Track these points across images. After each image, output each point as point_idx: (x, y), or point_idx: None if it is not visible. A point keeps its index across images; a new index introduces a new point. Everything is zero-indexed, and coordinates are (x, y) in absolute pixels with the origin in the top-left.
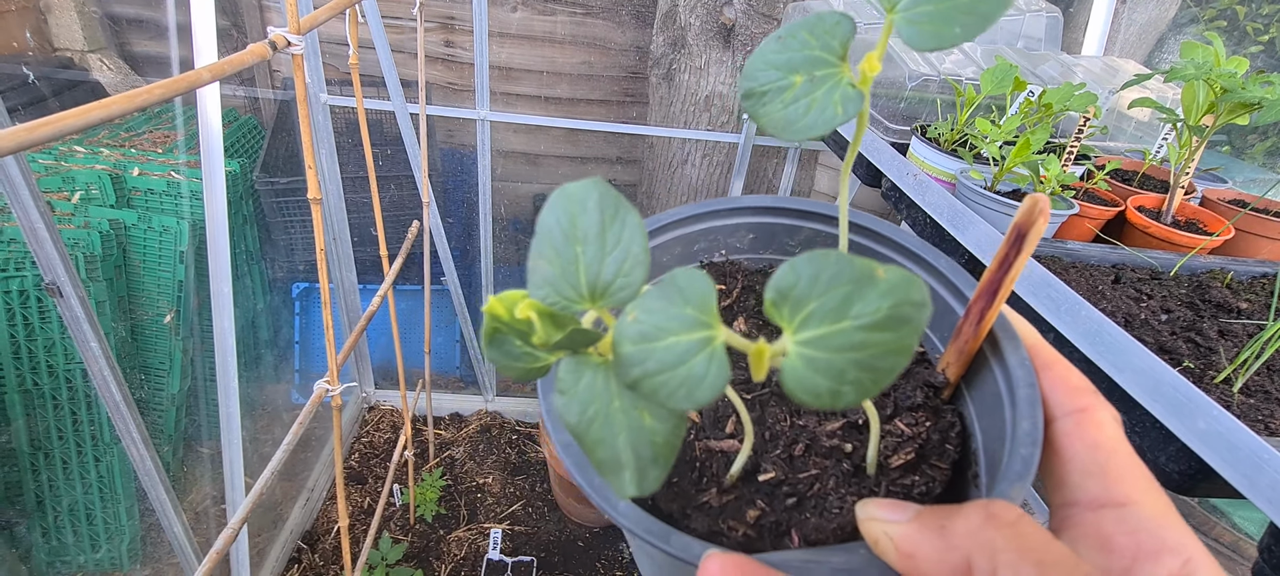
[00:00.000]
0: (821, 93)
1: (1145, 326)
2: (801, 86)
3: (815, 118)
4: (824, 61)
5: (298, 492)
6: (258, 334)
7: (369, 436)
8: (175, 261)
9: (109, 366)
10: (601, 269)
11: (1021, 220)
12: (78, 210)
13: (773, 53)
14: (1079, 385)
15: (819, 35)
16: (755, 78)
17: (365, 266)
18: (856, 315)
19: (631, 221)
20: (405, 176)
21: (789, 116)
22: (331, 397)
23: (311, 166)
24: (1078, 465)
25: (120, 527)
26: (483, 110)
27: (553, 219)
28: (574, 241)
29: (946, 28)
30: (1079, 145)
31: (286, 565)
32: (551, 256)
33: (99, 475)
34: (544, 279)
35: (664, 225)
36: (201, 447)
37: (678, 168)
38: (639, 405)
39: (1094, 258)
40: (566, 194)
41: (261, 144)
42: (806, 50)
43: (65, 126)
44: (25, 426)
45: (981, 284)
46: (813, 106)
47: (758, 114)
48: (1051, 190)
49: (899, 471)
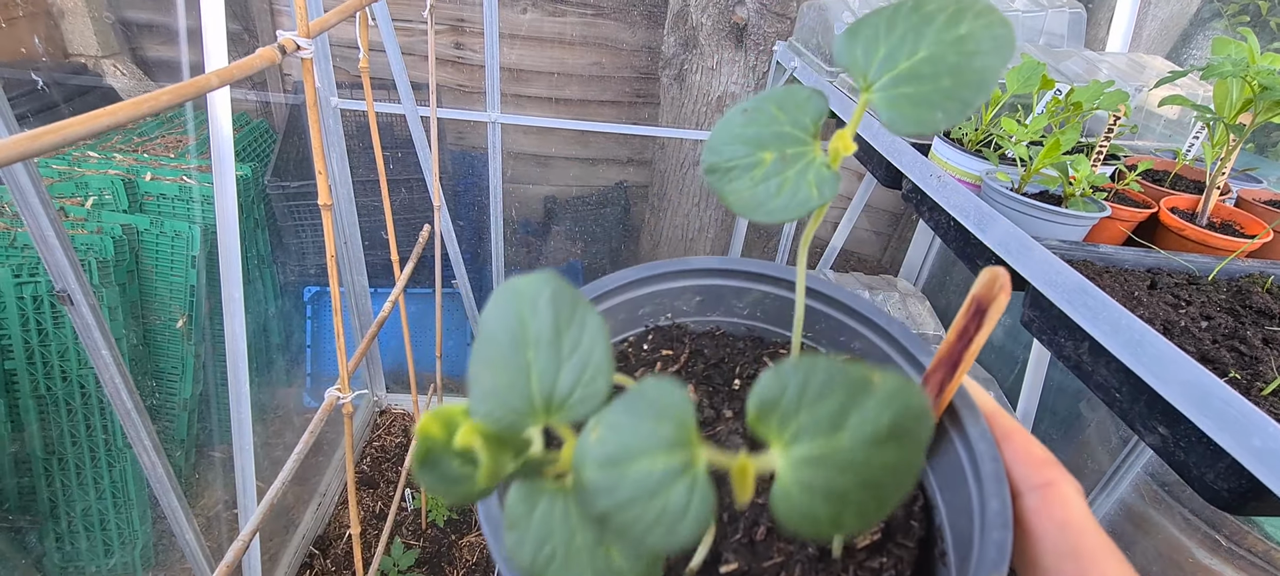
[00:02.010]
0: (794, 172)
1: (1185, 334)
2: (772, 165)
3: (788, 200)
4: (795, 139)
5: (309, 497)
6: (269, 338)
7: (381, 440)
8: (187, 266)
9: (120, 373)
10: (557, 379)
11: (981, 293)
12: (91, 216)
13: (739, 126)
14: (1041, 457)
15: (789, 110)
16: (721, 152)
17: (376, 270)
18: (855, 428)
19: (591, 323)
20: (416, 179)
21: (758, 197)
22: (343, 404)
23: (322, 172)
24: (1049, 546)
25: (133, 533)
26: (493, 112)
27: (499, 320)
28: (524, 346)
29: (928, 112)
30: (1109, 145)
31: (298, 570)
32: (498, 364)
33: (112, 481)
34: (488, 391)
35: (608, 290)
36: (214, 452)
37: (690, 169)
38: (606, 540)
39: (1128, 261)
40: (514, 291)
41: (273, 148)
42: (776, 126)
43: (71, 133)
44: (39, 432)
45: (940, 355)
46: (784, 187)
47: (724, 191)
48: (1082, 191)
49: (866, 553)
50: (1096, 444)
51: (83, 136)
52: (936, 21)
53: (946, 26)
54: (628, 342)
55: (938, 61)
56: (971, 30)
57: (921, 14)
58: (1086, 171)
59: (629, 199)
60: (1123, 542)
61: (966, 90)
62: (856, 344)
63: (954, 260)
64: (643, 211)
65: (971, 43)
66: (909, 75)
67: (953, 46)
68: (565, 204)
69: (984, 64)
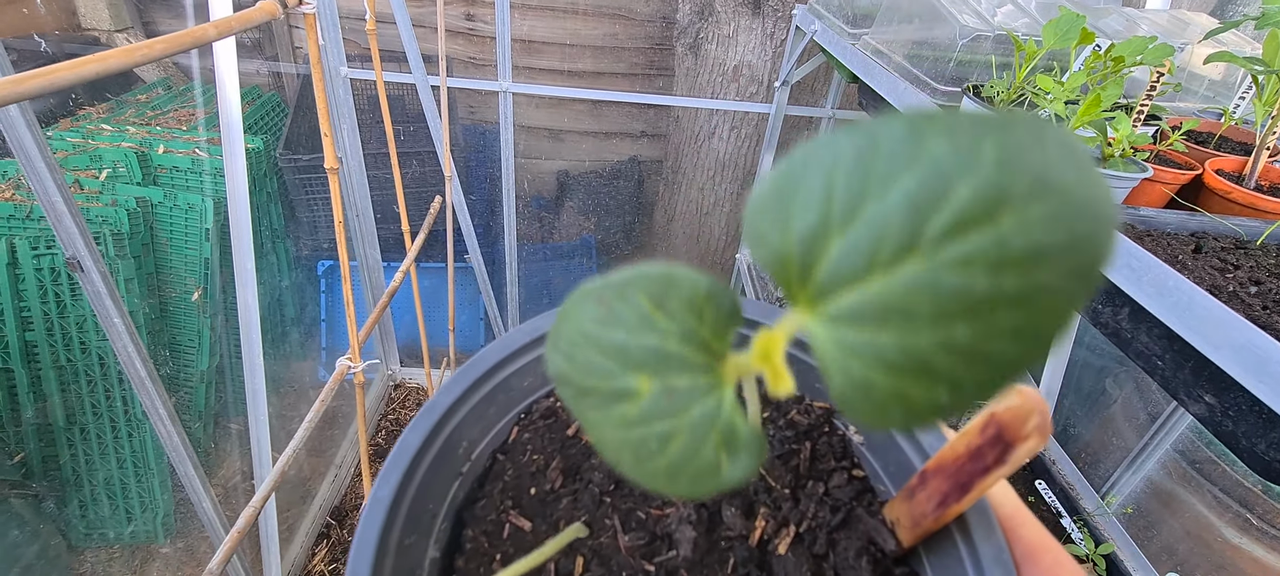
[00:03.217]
0: (685, 424)
1: (1234, 299)
2: (650, 401)
3: (678, 465)
4: (685, 364)
5: (326, 469)
6: (284, 311)
7: (395, 413)
8: (201, 239)
9: (133, 341)
10: None
11: (1007, 421)
12: (105, 188)
13: (593, 322)
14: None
15: (673, 314)
16: (571, 356)
17: (388, 244)
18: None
19: None
20: (427, 152)
21: (631, 447)
22: (354, 375)
23: (328, 133)
24: None
25: (154, 501)
26: (505, 82)
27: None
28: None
29: (924, 389)
30: (1150, 105)
31: (316, 540)
32: None
33: (132, 450)
34: None
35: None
36: (231, 424)
37: (705, 141)
38: None
39: (1171, 225)
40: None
41: (284, 121)
42: (651, 336)
43: (58, 79)
44: (60, 402)
45: (943, 460)
46: (673, 443)
47: (583, 419)
48: (1121, 152)
49: None
50: (1122, 421)
51: (70, 82)
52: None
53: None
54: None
55: (958, 295)
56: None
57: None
58: (1127, 130)
59: (642, 173)
60: (1149, 522)
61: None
62: None
63: None
64: (656, 186)
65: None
66: (889, 308)
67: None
68: (578, 178)
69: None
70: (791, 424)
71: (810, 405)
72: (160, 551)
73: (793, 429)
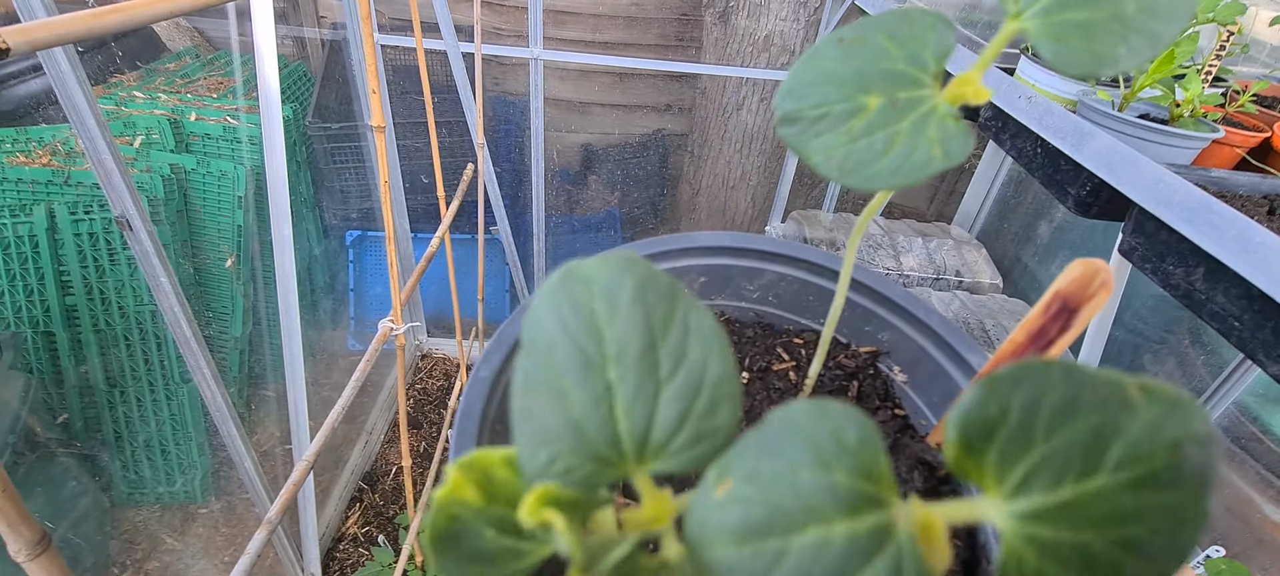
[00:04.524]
0: (908, 125)
1: None
2: (877, 113)
3: (899, 161)
4: (910, 80)
5: (357, 435)
6: (315, 280)
7: (423, 383)
8: (234, 206)
9: (179, 301)
10: (655, 411)
11: (1070, 290)
12: (140, 155)
13: (834, 61)
14: None
15: (904, 42)
16: (804, 95)
17: (416, 215)
18: (1114, 467)
19: (700, 325)
20: (455, 122)
21: (857, 156)
22: (396, 335)
23: (375, 91)
24: None
25: (193, 463)
26: (536, 49)
27: (558, 327)
28: (601, 364)
29: (1107, 46)
30: (1218, 66)
31: (348, 503)
32: (562, 391)
33: (171, 412)
34: (547, 435)
35: None
36: (266, 390)
37: (732, 114)
38: None
39: (1242, 186)
40: (579, 281)
41: (311, 91)
42: (885, 61)
43: (102, 24)
44: (101, 365)
45: (1000, 356)
46: (896, 144)
47: (806, 148)
48: (1190, 112)
49: None
50: None
51: (118, 26)
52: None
53: None
54: None
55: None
56: None
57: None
58: (1198, 90)
59: (667, 146)
60: None
61: (1157, 21)
62: (884, 335)
63: (1012, 208)
64: (681, 160)
65: None
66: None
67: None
68: (603, 151)
69: None
70: (840, 366)
71: (856, 350)
72: (200, 511)
73: (841, 370)
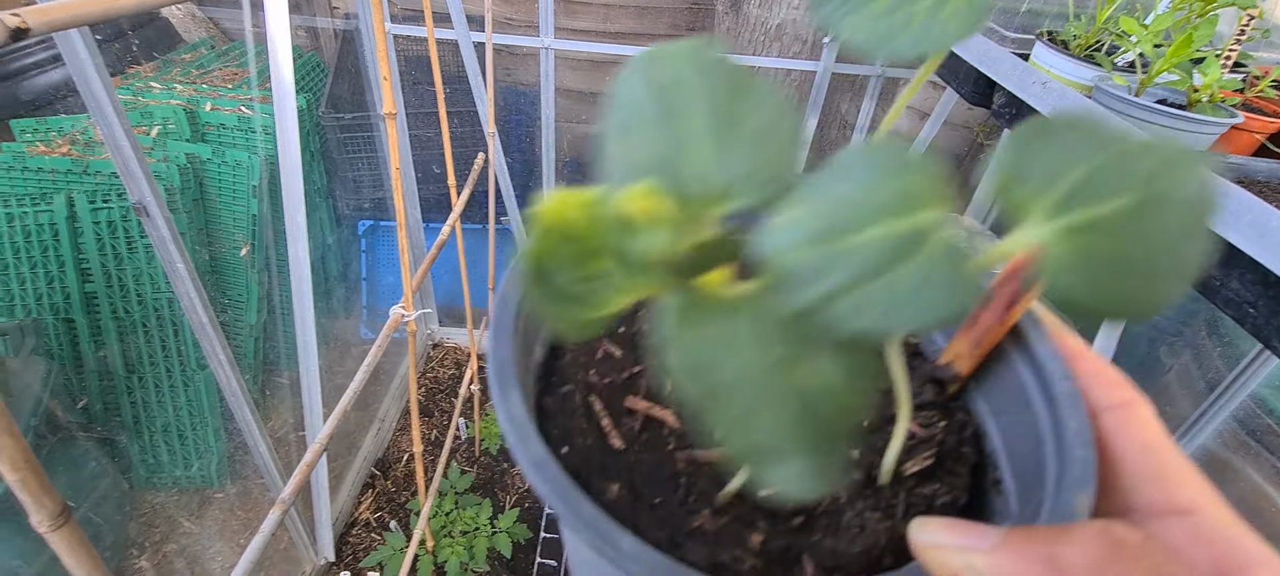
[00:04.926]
0: (925, 4)
1: None
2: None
3: (922, 33)
4: None
5: (369, 422)
6: (328, 269)
7: (434, 372)
8: (248, 196)
9: (195, 288)
10: (724, 155)
11: None
12: (156, 144)
13: None
14: (1114, 378)
15: None
16: None
17: (428, 205)
18: (1132, 190)
19: (767, 98)
20: (466, 111)
21: (883, 30)
22: (408, 322)
23: (387, 77)
24: (1130, 468)
25: (209, 447)
26: (547, 38)
27: (639, 87)
28: (678, 116)
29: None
30: (1238, 50)
31: (361, 490)
32: (642, 137)
33: (188, 398)
34: (641, 169)
35: None
36: (279, 378)
37: None
38: (803, 353)
39: (1261, 172)
40: (665, 52)
41: (324, 81)
42: None
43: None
44: (119, 351)
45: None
46: (916, 19)
47: (838, 24)
48: (1209, 97)
49: (915, 480)
50: (1178, 389)
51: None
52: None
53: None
54: None
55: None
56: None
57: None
58: (1217, 75)
59: None
60: None
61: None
62: None
63: None
64: None
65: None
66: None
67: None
68: None
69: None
70: None
71: None
72: (216, 495)
73: None
